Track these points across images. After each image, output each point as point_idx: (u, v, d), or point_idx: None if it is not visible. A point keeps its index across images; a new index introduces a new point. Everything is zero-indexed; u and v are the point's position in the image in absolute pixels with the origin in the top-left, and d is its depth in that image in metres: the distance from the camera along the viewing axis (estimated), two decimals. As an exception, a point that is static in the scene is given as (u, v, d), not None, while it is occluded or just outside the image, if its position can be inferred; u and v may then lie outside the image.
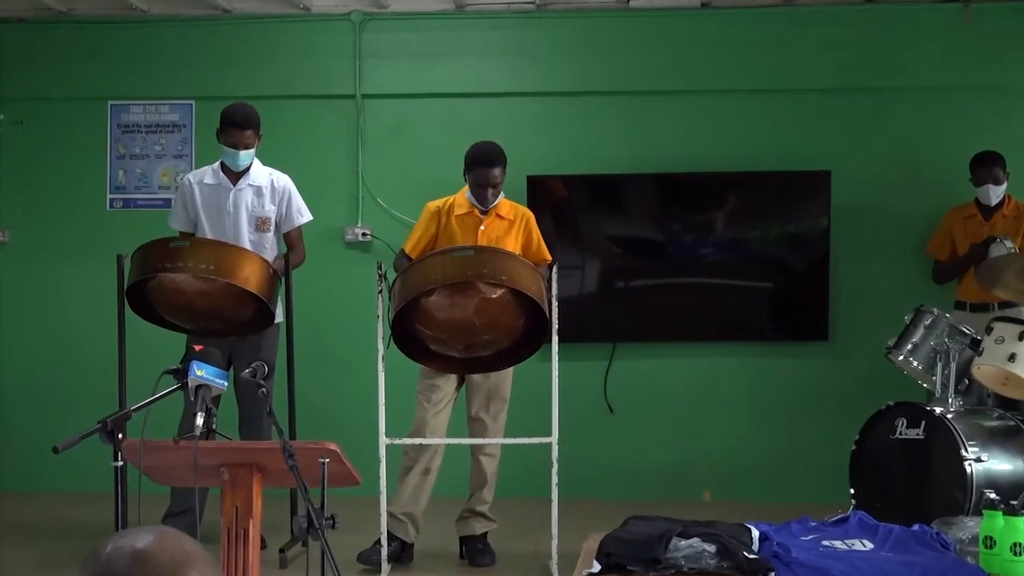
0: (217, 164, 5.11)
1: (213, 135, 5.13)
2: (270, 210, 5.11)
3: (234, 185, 5.06)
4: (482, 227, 4.91)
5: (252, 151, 5.01)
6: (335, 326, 6.42)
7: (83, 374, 6.44)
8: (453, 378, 4.97)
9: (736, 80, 6.43)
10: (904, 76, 6.38)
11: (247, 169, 5.08)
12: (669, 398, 6.43)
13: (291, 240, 5.24)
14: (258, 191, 5.10)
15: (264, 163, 5.19)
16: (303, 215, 5.23)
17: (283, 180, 5.17)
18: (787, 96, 6.45)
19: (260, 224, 5.09)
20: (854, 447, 4.77)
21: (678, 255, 6.44)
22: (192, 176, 5.18)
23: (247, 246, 4.97)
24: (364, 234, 6.47)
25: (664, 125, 6.46)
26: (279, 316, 5.01)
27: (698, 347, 6.44)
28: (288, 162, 5.58)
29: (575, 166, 6.41)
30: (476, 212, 4.92)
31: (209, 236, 5.00)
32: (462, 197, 4.96)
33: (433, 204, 4.99)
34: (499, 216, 4.94)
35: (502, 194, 4.94)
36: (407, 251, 4.92)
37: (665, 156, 6.40)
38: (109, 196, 6.62)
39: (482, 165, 4.84)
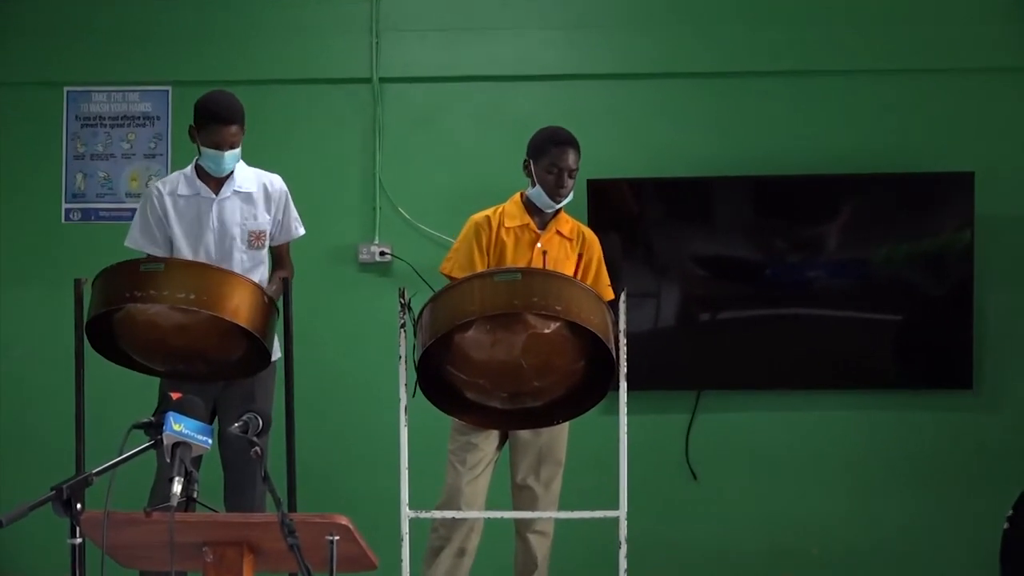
0: (191, 169, 5.09)
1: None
2: (264, 221, 5.12)
3: (216, 193, 5.06)
4: (539, 244, 4.91)
5: (238, 151, 5.02)
6: (346, 368, 6.44)
7: (32, 429, 6.48)
8: (495, 435, 4.96)
9: (857, 59, 6.40)
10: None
11: (230, 173, 5.08)
12: (767, 461, 6.39)
13: (280, 254, 5.27)
14: (247, 199, 5.10)
15: (250, 163, 5.19)
16: (300, 225, 5.26)
17: (278, 183, 5.18)
18: (920, 79, 6.41)
19: (254, 240, 5.10)
20: (1006, 525, 4.73)
21: (780, 280, 6.40)
22: (161, 185, 5.14)
23: (239, 269, 4.98)
24: (383, 253, 6.49)
25: (763, 115, 6.45)
26: (276, 354, 5.03)
27: (805, 397, 6.40)
28: (285, 163, 5.60)
29: (649, 167, 6.40)
30: (532, 226, 4.93)
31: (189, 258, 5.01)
32: (514, 206, 4.98)
33: (479, 216, 4.99)
34: (559, 234, 4.96)
35: (571, 197, 4.97)
36: (456, 276, 4.87)
37: (764, 154, 6.38)
38: (64, 206, 6.67)
39: (559, 143, 4.89)
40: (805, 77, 6.44)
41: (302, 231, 5.26)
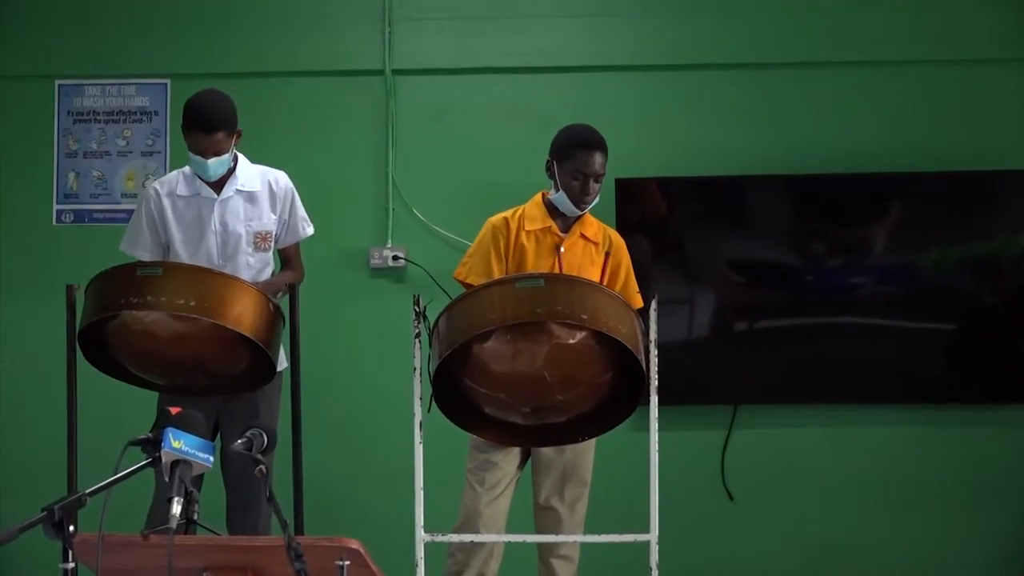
0: (190, 168, 5.11)
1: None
2: (270, 221, 5.13)
3: (218, 194, 5.07)
4: (562, 249, 4.92)
5: (226, 157, 5.00)
6: (357, 381, 6.46)
7: (21, 445, 6.52)
8: (516, 453, 4.97)
9: (905, 48, 6.40)
10: None
11: (231, 171, 5.09)
12: (809, 481, 6.38)
13: (289, 256, 5.28)
14: (251, 198, 5.11)
15: (255, 161, 5.19)
16: (308, 225, 5.27)
17: (283, 180, 5.18)
18: (974, 70, 6.41)
19: (259, 241, 5.11)
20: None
21: (821, 286, 6.40)
22: (159, 186, 5.15)
23: (244, 274, 4.99)
24: (396, 257, 6.50)
25: (803, 109, 6.45)
26: (282, 365, 5.05)
27: (849, 412, 6.39)
28: (292, 161, 5.61)
29: (680, 165, 6.41)
30: (555, 228, 4.93)
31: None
32: (534, 208, 4.98)
33: (497, 218, 5.00)
34: (584, 237, 4.96)
35: (597, 200, 4.97)
36: (471, 283, 4.88)
37: (804, 151, 6.38)
38: (56, 207, 6.70)
39: (584, 147, 4.87)
40: (848, 68, 6.45)
41: (311, 231, 5.26)
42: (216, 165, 4.96)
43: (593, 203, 4.93)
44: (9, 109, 6.72)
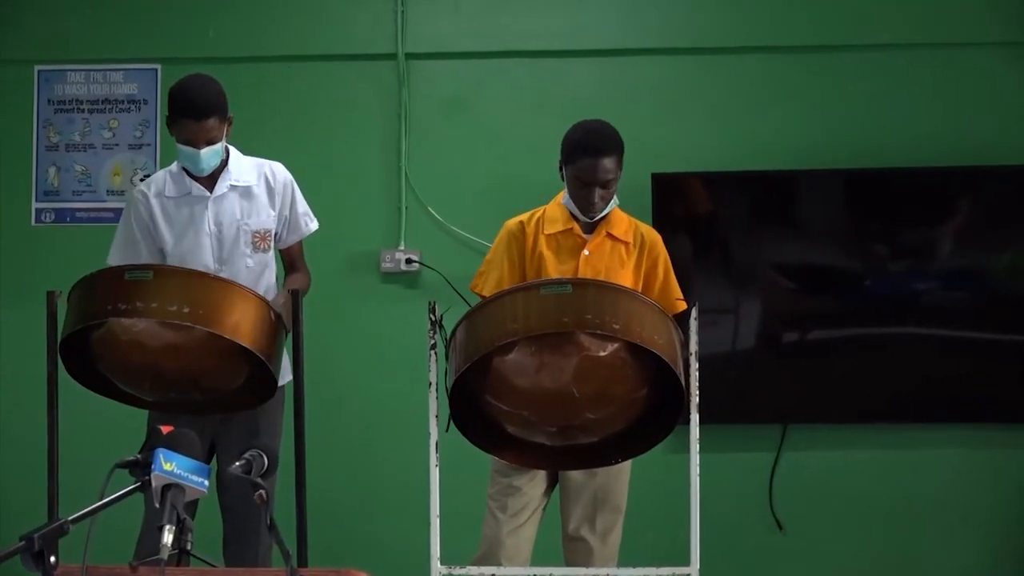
0: (177, 165, 5.11)
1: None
2: (269, 219, 5.13)
3: (211, 191, 5.09)
4: (585, 251, 4.92)
5: (219, 146, 5.02)
6: (366, 398, 6.49)
7: (-3, 467, 6.56)
8: (542, 477, 4.98)
9: (978, 30, 6.41)
10: None
11: (223, 165, 5.11)
12: (866, 508, 6.39)
13: (293, 257, 5.29)
14: (247, 193, 5.11)
15: (249, 153, 5.20)
16: (312, 220, 5.28)
17: (281, 172, 5.18)
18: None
19: (258, 241, 5.12)
20: None
21: (881, 293, 6.40)
22: (145, 188, 5.16)
23: (243, 277, 4.99)
24: (409, 260, 6.53)
25: (861, 96, 6.47)
26: (284, 379, 5.07)
27: (912, 432, 6.39)
28: (294, 155, 5.62)
29: (725, 159, 6.43)
30: (577, 229, 4.94)
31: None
32: (556, 209, 4.98)
33: (513, 222, 5.01)
34: (611, 236, 4.96)
35: (615, 201, 4.96)
36: (487, 296, 4.91)
37: (862, 142, 6.39)
38: (35, 205, 6.74)
39: (587, 153, 4.84)
40: (912, 51, 6.45)
41: (315, 226, 5.27)
42: (209, 155, 4.96)
43: (608, 207, 4.91)
44: (-18, 98, 6.77)
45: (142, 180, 6.35)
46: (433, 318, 4.60)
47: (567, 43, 6.56)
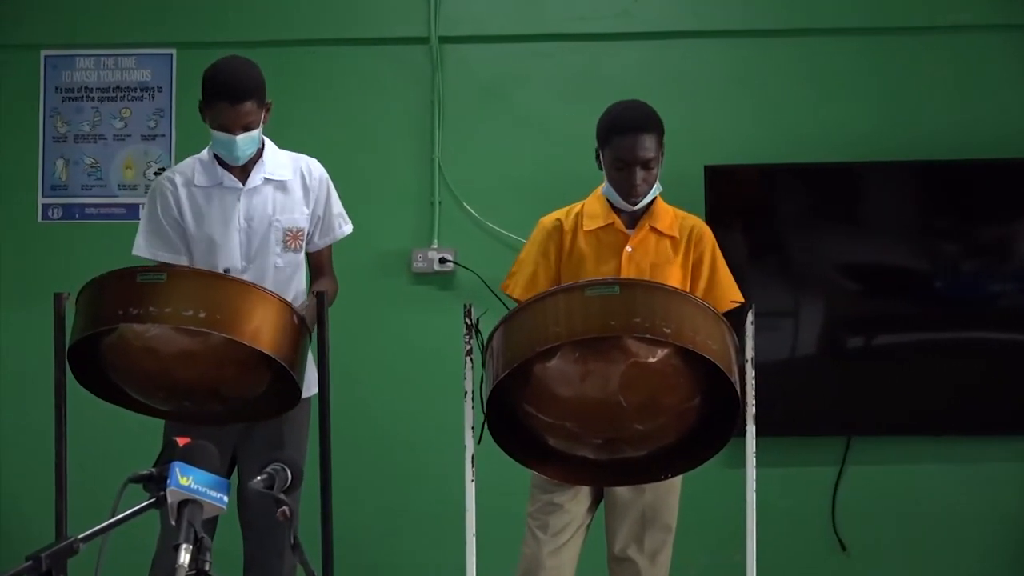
0: (207, 153, 5.14)
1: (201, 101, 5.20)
2: (303, 217, 5.15)
3: (243, 183, 5.11)
4: (628, 248, 4.92)
5: (255, 133, 5.04)
6: (397, 407, 6.50)
7: (1, 480, 6.58)
8: (586, 493, 4.98)
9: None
10: None
11: (258, 156, 5.13)
12: (938, 527, 6.38)
13: (321, 262, 5.31)
14: (282, 187, 5.13)
15: (282, 146, 5.23)
16: (346, 222, 5.30)
17: (317, 169, 5.21)
18: None
19: (290, 239, 5.13)
20: None
21: (953, 294, 6.39)
22: (172, 176, 5.18)
23: (271, 278, 5.02)
24: (443, 260, 6.54)
25: (931, 83, 6.46)
26: (309, 389, 5.09)
27: (987, 445, 6.38)
28: (319, 146, 5.64)
29: (783, 151, 6.43)
30: (618, 224, 4.94)
31: (205, 266, 5.02)
32: (595, 203, 4.99)
33: (549, 219, 5.01)
34: (655, 231, 4.96)
35: (658, 188, 4.95)
36: (517, 297, 4.94)
37: (932, 133, 6.39)
38: (42, 200, 6.77)
39: (625, 130, 4.85)
40: (985, 33, 6.44)
41: (348, 229, 5.28)
42: (246, 142, 4.98)
43: (651, 193, 4.92)
44: (-14, 85, 6.81)
45: (156, 173, 6.39)
46: (469, 322, 4.60)
47: (612, 25, 6.56)
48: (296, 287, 5.12)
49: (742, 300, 4.90)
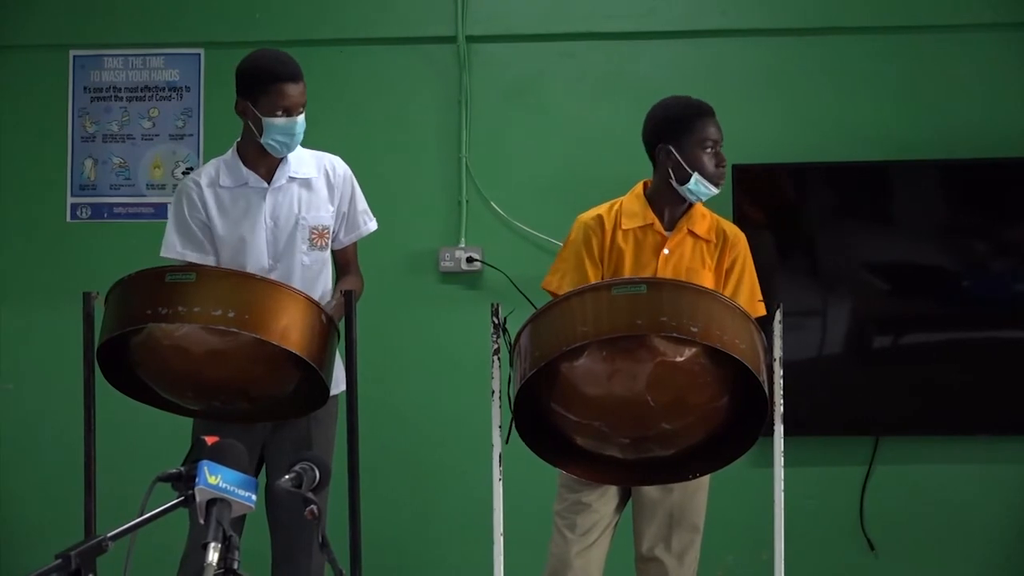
0: (231, 154, 5.15)
1: (231, 102, 5.14)
2: (328, 215, 5.15)
3: (269, 182, 5.12)
4: (665, 250, 4.92)
5: (304, 117, 5.07)
6: (424, 406, 6.50)
7: (31, 481, 6.61)
8: (613, 493, 4.97)
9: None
10: None
11: (282, 157, 5.13)
12: (967, 527, 6.36)
13: (347, 259, 5.30)
14: (307, 185, 5.13)
15: (305, 146, 5.20)
16: (371, 219, 5.30)
17: (341, 167, 5.21)
18: None
19: (316, 238, 5.13)
20: None
21: (982, 294, 6.37)
22: (197, 177, 5.18)
23: (298, 276, 5.02)
24: (470, 259, 6.54)
25: (961, 82, 6.44)
26: (337, 388, 5.09)
27: (1016, 444, 6.36)
28: (347, 145, 5.65)
29: (812, 150, 6.42)
30: (658, 226, 4.93)
31: (233, 266, 5.03)
32: (633, 202, 4.97)
33: (589, 216, 5.00)
34: (692, 234, 4.95)
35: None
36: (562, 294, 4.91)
37: (961, 132, 6.37)
38: (70, 200, 6.79)
39: (703, 113, 4.90)
40: (1014, 31, 6.42)
41: (373, 225, 5.28)
42: (303, 125, 5.02)
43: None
44: (15, 85, 6.82)
45: (184, 173, 6.40)
46: (496, 321, 4.58)
47: (640, 24, 6.55)
48: (323, 285, 5.13)
49: (764, 312, 4.88)
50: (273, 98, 4.95)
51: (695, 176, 4.85)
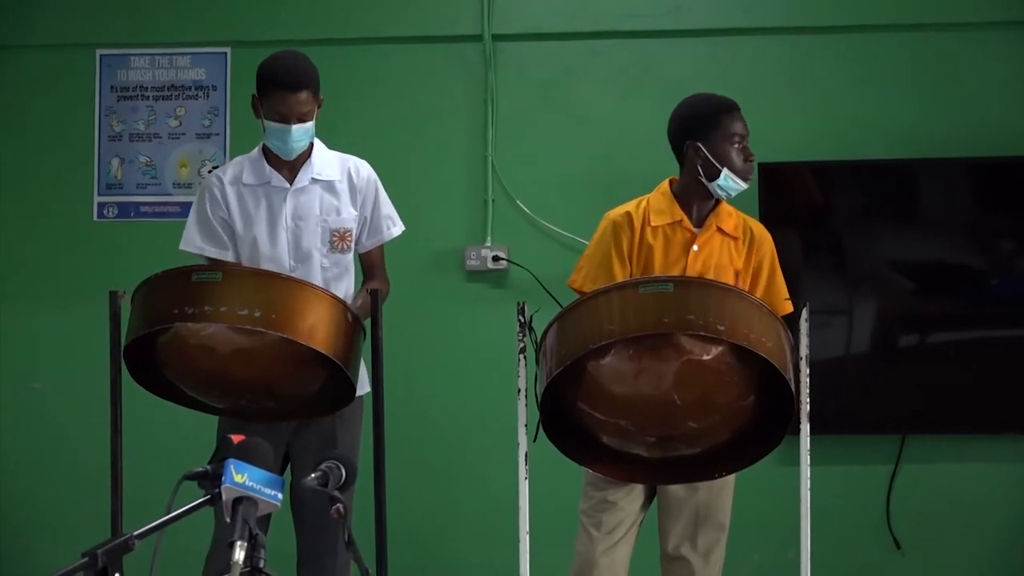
0: (257, 152, 5.15)
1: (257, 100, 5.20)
2: (350, 217, 5.15)
3: (291, 183, 5.12)
4: (695, 247, 4.91)
5: (310, 125, 5.04)
6: (450, 405, 6.50)
7: (58, 479, 6.63)
8: (639, 491, 4.97)
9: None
10: None
11: (306, 156, 5.13)
12: (993, 526, 6.35)
13: (372, 263, 5.30)
14: (330, 188, 5.13)
15: (331, 146, 5.23)
16: (395, 224, 5.29)
17: (365, 170, 5.20)
18: None
19: (337, 240, 5.14)
20: None
21: (1009, 292, 6.35)
22: (221, 174, 5.18)
23: (318, 278, 5.02)
24: (496, 257, 6.54)
25: (988, 79, 6.42)
26: (363, 388, 5.09)
27: (1044, 444, 6.34)
28: (372, 145, 5.67)
29: (838, 148, 6.41)
30: (686, 223, 4.92)
31: (251, 264, 5.05)
32: (661, 199, 4.96)
33: (617, 213, 4.98)
34: (721, 231, 4.94)
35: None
36: (587, 292, 4.90)
37: (989, 130, 6.35)
38: (97, 199, 6.80)
39: (728, 108, 4.91)
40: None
41: (398, 231, 5.27)
42: (300, 133, 4.97)
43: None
44: (42, 84, 6.84)
45: (211, 172, 6.39)
46: (522, 320, 4.58)
47: (666, 22, 6.55)
48: (344, 290, 5.11)
49: (791, 309, 4.87)
50: (271, 103, 4.96)
51: (724, 171, 4.85)
